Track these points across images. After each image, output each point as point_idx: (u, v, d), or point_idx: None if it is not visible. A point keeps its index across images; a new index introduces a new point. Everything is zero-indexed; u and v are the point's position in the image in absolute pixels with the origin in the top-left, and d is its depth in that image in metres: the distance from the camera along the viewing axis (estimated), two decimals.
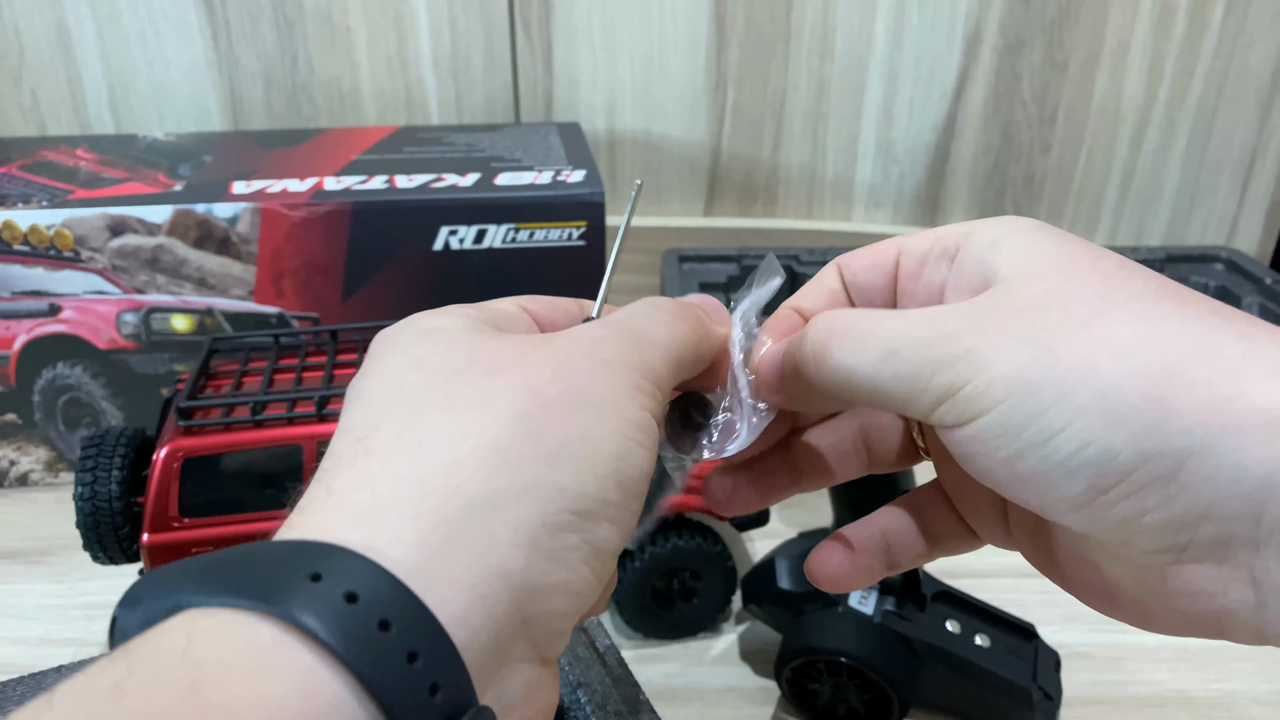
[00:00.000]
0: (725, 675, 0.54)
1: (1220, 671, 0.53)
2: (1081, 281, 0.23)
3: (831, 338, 0.25)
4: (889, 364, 0.24)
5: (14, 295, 0.63)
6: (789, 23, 0.83)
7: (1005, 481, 0.23)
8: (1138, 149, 0.88)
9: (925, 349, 0.23)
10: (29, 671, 0.40)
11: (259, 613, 0.18)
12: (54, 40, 0.80)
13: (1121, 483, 0.21)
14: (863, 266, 0.29)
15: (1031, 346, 0.22)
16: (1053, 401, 0.22)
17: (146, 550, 0.48)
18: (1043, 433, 0.22)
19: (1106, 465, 0.21)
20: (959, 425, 0.23)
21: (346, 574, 0.19)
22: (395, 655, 0.18)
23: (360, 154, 0.72)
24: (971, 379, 0.23)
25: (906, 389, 0.24)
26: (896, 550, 0.30)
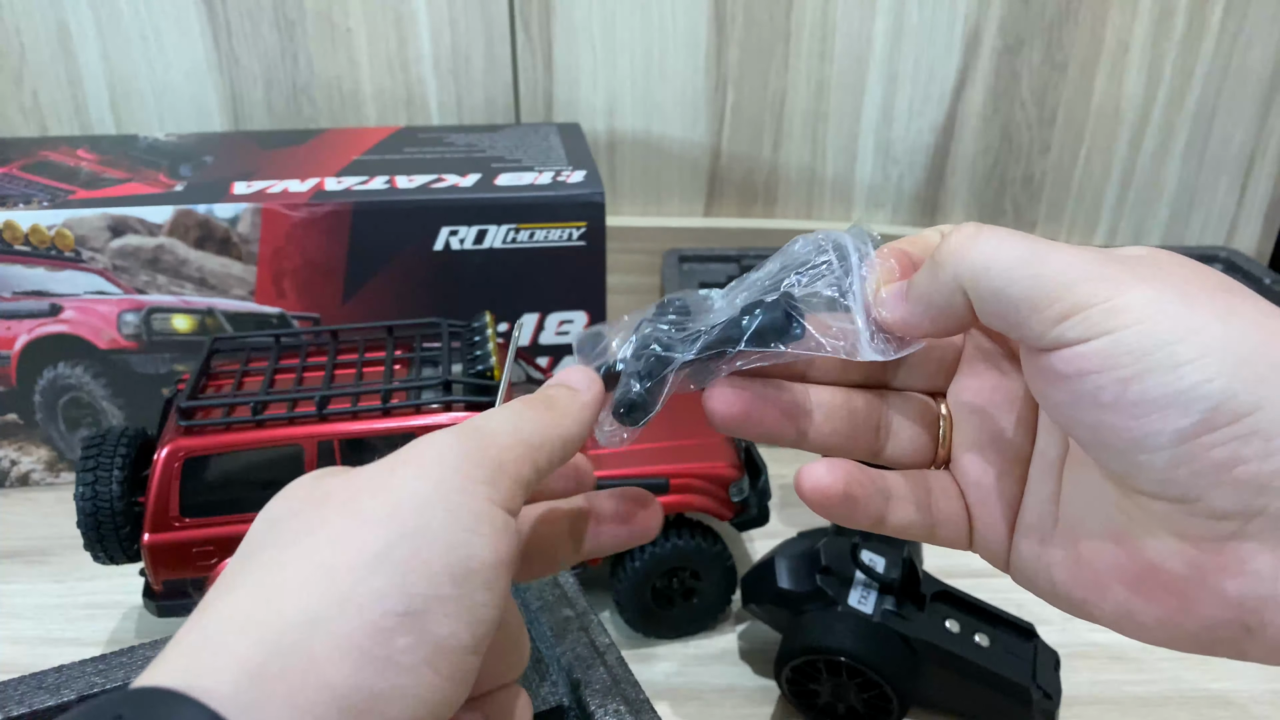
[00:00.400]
0: (725, 675, 0.54)
1: (1220, 671, 0.53)
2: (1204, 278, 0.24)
3: (981, 230, 0.25)
4: (1030, 266, 0.24)
5: (15, 295, 0.63)
6: (789, 23, 0.83)
7: (1108, 404, 0.23)
8: (1137, 149, 0.88)
9: (1071, 262, 0.24)
10: (29, 671, 0.40)
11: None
12: (55, 41, 0.80)
13: (1231, 424, 0.22)
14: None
15: (1173, 289, 0.23)
16: (1186, 334, 0.22)
17: (147, 550, 0.48)
18: (1171, 358, 0.22)
19: (1224, 402, 0.22)
20: (1083, 340, 0.23)
21: (158, 715, 0.19)
22: None
23: (361, 154, 0.72)
24: (1112, 296, 0.23)
25: (1040, 295, 0.24)
26: (892, 506, 0.29)
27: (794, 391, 0.30)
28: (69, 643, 0.55)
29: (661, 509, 0.32)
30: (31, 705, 0.38)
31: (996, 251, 0.24)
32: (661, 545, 0.54)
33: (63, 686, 0.39)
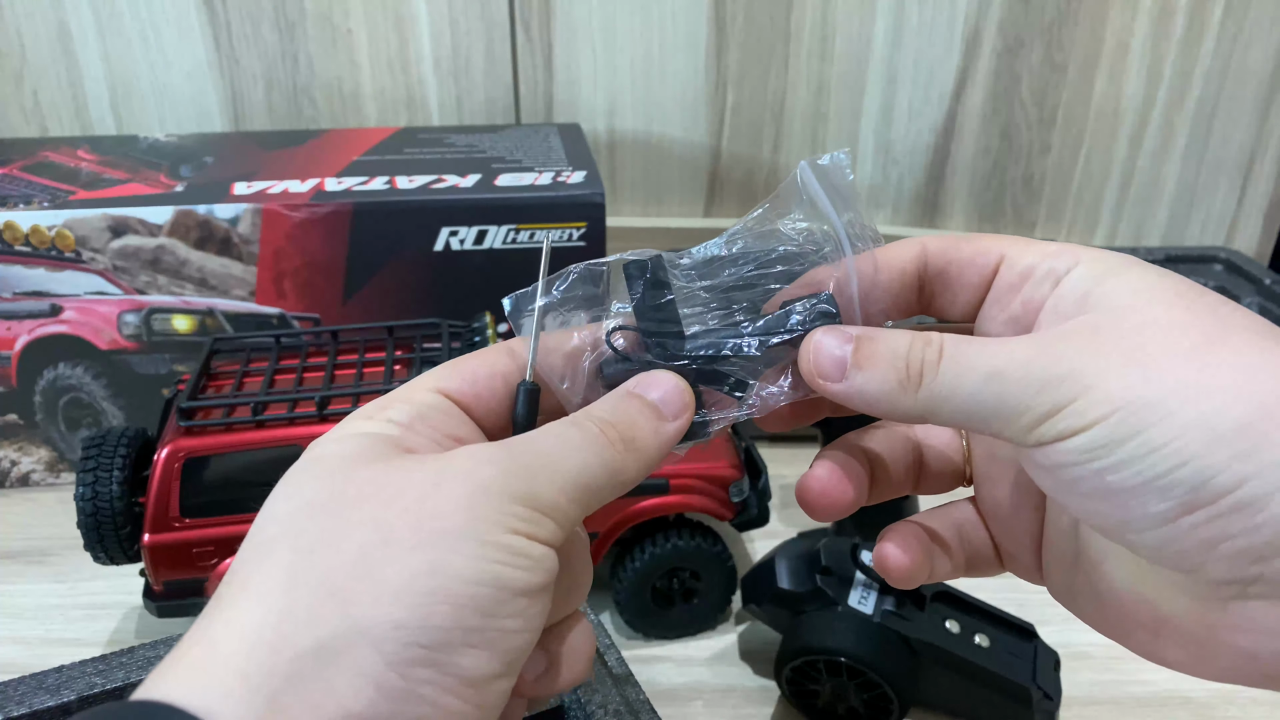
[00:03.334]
0: (725, 675, 0.54)
1: None
2: (1191, 311, 0.23)
3: (940, 357, 0.25)
4: (992, 385, 0.24)
5: (15, 296, 0.63)
6: (789, 24, 0.83)
7: (1092, 494, 0.23)
8: (1137, 149, 0.88)
9: (1030, 370, 0.23)
10: (29, 671, 0.40)
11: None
12: (55, 41, 0.80)
13: (1212, 504, 0.21)
14: (960, 259, 0.28)
15: (1139, 367, 0.22)
16: (1157, 419, 0.22)
17: (147, 550, 0.48)
18: (1143, 447, 0.22)
19: (1201, 485, 0.21)
20: (1058, 440, 0.23)
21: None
22: None
23: (361, 155, 0.72)
24: (1078, 396, 0.23)
25: (1009, 409, 0.24)
26: (938, 558, 0.30)
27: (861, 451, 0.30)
28: (69, 643, 0.55)
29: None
30: (31, 705, 0.38)
31: (959, 382, 0.24)
32: (661, 545, 0.54)
33: (63, 686, 0.39)
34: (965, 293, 0.28)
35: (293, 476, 0.24)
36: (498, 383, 0.27)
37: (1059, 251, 0.26)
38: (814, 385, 0.26)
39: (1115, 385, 0.22)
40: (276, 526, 0.23)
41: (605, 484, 0.25)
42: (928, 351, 0.25)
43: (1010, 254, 0.27)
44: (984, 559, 0.31)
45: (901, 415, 0.26)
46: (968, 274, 0.28)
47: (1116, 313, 0.24)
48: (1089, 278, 0.25)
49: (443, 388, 0.26)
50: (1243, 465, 0.21)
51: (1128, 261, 0.25)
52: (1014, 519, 0.30)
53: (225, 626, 0.21)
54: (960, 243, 0.28)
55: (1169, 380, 0.22)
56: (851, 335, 0.26)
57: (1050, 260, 0.26)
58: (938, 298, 0.28)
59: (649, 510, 0.54)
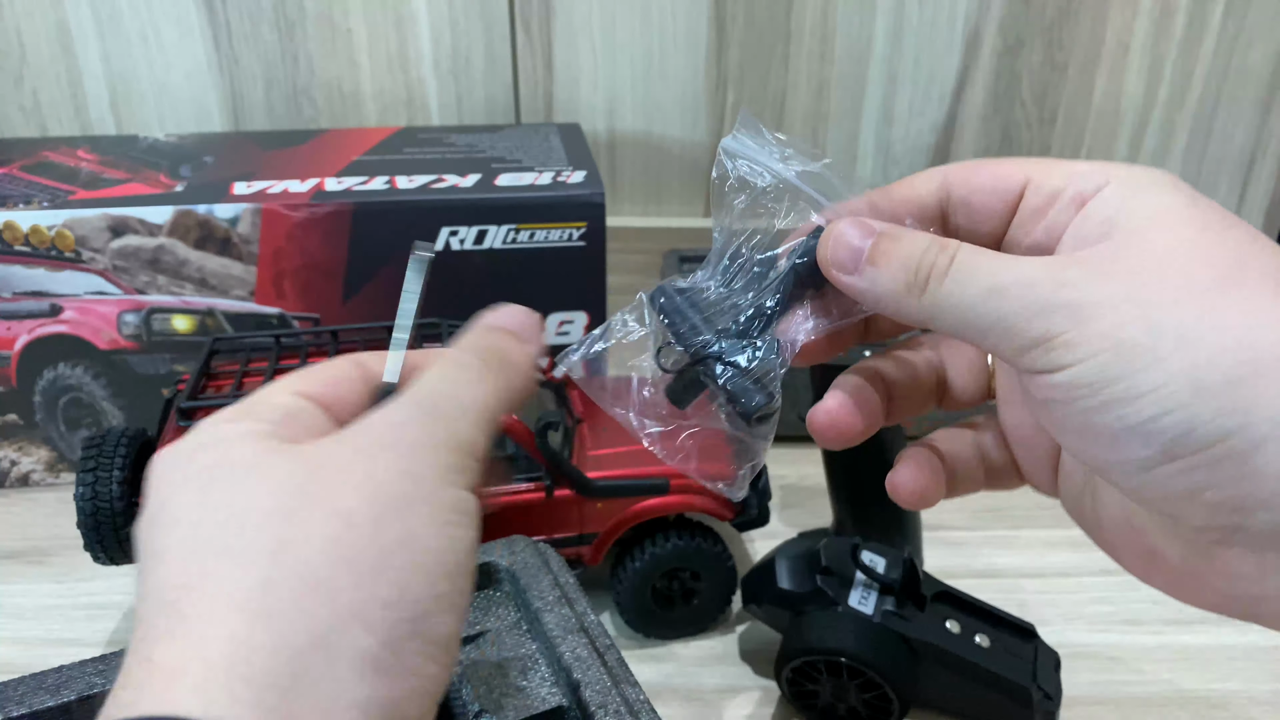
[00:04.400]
0: (725, 675, 0.54)
1: (1220, 672, 0.53)
2: (1208, 247, 0.23)
3: (951, 264, 0.25)
4: (992, 300, 0.24)
5: (15, 296, 0.63)
6: (789, 23, 0.83)
7: (1078, 431, 0.23)
8: (1137, 150, 0.88)
9: (1031, 292, 0.23)
10: (29, 671, 0.40)
11: None
12: (55, 41, 0.80)
13: (1193, 455, 0.21)
14: (982, 186, 0.27)
15: (1137, 306, 0.22)
16: (1146, 364, 0.22)
17: None
18: (1129, 391, 0.22)
19: (1183, 435, 0.21)
20: (1047, 371, 0.23)
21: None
22: None
23: (361, 155, 0.72)
24: (1070, 328, 0.22)
25: (1004, 328, 0.24)
26: (958, 474, 0.30)
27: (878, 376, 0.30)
28: (69, 643, 0.55)
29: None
30: (31, 705, 0.38)
31: (962, 290, 0.24)
32: (661, 545, 0.54)
33: (63, 687, 0.39)
34: (990, 221, 0.27)
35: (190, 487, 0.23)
36: (356, 385, 0.27)
37: (1088, 171, 0.25)
38: (827, 274, 0.27)
39: (1110, 322, 0.22)
40: (207, 532, 0.22)
41: (501, 409, 0.25)
42: (940, 257, 0.25)
43: (1035, 177, 0.26)
44: (1005, 474, 0.31)
45: (906, 318, 0.26)
46: (991, 202, 0.27)
47: (1134, 238, 0.23)
48: (1115, 198, 0.24)
49: (302, 390, 0.26)
50: (1228, 419, 0.21)
51: (1159, 180, 0.24)
52: (1034, 439, 0.30)
53: (212, 643, 0.20)
54: (980, 168, 0.27)
55: (1167, 323, 0.22)
56: (874, 230, 0.26)
57: (1078, 182, 0.25)
58: (963, 229, 0.28)
59: (649, 510, 0.54)
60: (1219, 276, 0.22)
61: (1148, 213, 0.24)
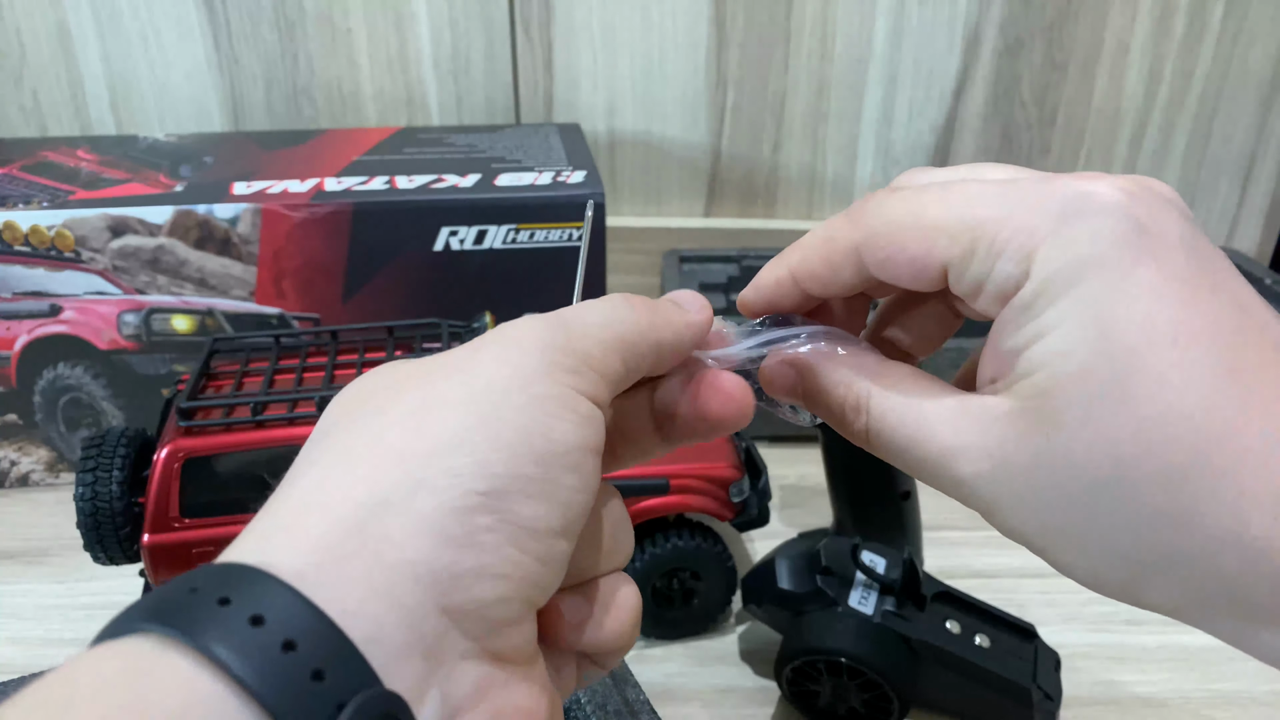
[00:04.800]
0: (725, 675, 0.54)
1: (1220, 672, 0.53)
2: (1109, 436, 0.21)
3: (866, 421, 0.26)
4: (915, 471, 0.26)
5: (15, 296, 0.63)
6: (789, 23, 0.83)
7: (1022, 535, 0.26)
8: (1138, 149, 0.88)
9: (940, 482, 0.25)
10: (29, 671, 0.40)
11: (157, 634, 0.19)
12: (55, 41, 0.80)
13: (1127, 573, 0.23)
14: (900, 274, 0.25)
15: (1033, 513, 0.24)
16: (1046, 549, 0.25)
17: (147, 551, 0.48)
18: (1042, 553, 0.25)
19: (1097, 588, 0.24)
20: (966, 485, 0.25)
21: (220, 583, 0.19)
22: (269, 643, 0.18)
23: (361, 155, 0.72)
24: (981, 512, 0.25)
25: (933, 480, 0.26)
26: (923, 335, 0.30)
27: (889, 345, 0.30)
28: (69, 643, 0.55)
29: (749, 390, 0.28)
30: None
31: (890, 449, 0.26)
32: (661, 546, 0.54)
33: None
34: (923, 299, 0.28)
35: (344, 391, 0.25)
36: None
37: (1010, 252, 0.22)
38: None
39: (1012, 522, 0.24)
40: (330, 421, 0.23)
41: (638, 340, 0.25)
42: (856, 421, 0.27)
43: (953, 264, 0.24)
44: None
45: None
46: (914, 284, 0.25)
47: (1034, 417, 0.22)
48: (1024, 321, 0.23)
49: None
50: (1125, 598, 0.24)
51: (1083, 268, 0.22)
52: None
53: (285, 500, 0.21)
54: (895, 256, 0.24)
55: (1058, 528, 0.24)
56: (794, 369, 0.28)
57: (996, 275, 0.23)
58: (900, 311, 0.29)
59: (649, 510, 0.54)
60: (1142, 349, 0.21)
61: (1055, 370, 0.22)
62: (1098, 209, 0.22)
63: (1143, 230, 0.22)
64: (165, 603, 0.19)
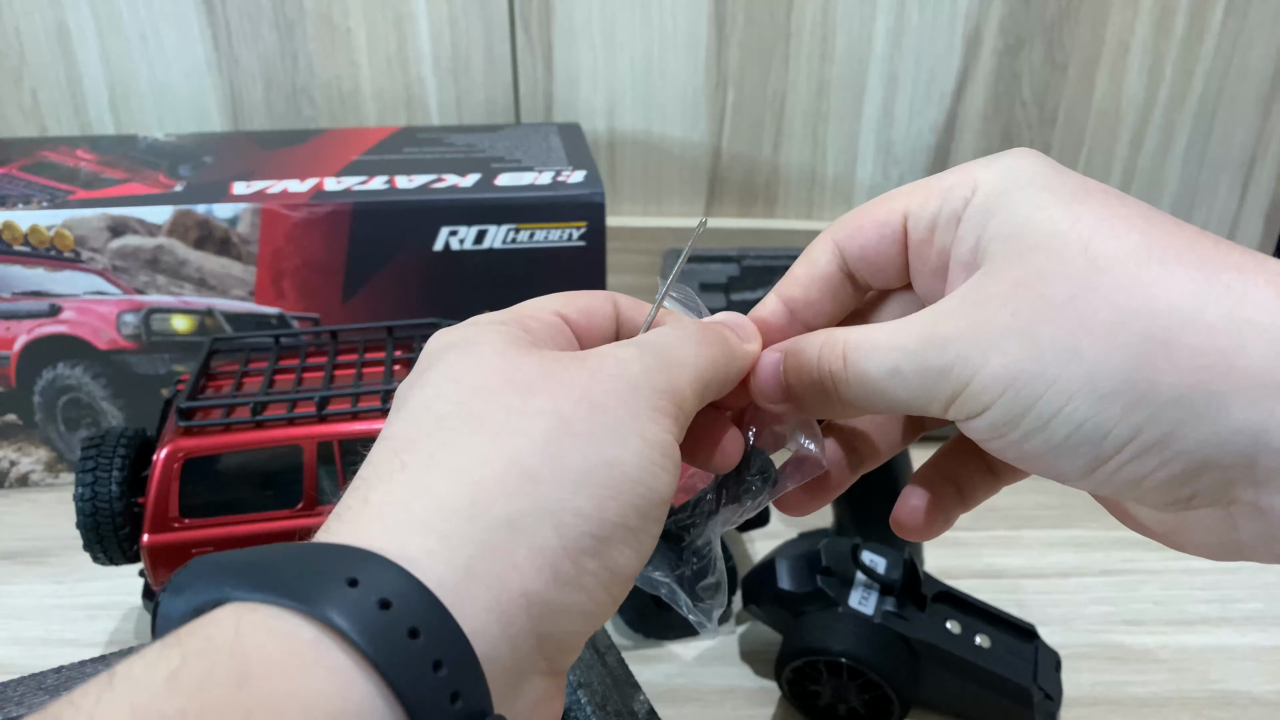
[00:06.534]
0: (725, 675, 0.54)
1: (1220, 672, 0.53)
2: (1063, 255, 0.24)
3: (845, 362, 0.26)
4: (897, 380, 0.26)
5: (14, 296, 0.63)
6: (789, 23, 0.83)
7: (1018, 460, 0.25)
8: (1138, 149, 0.88)
9: (923, 361, 0.25)
10: (29, 672, 0.40)
11: (300, 612, 0.19)
12: (54, 41, 0.80)
13: (1119, 453, 0.23)
14: (868, 241, 0.29)
15: (1017, 340, 0.23)
16: (1043, 390, 0.23)
17: (147, 551, 0.48)
18: (1039, 419, 0.23)
19: (1102, 441, 0.23)
20: (969, 419, 0.25)
21: (381, 581, 0.20)
22: (422, 662, 0.19)
23: (360, 154, 0.72)
24: (968, 381, 0.24)
25: (919, 399, 0.25)
26: (966, 484, 0.31)
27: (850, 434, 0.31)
28: (69, 643, 0.55)
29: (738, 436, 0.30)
30: (31, 705, 0.38)
31: (866, 381, 0.26)
32: None
33: (62, 687, 0.39)
34: (889, 268, 0.29)
35: (450, 360, 0.25)
36: (604, 323, 0.28)
37: (956, 183, 0.27)
38: (767, 407, 0.29)
39: (998, 363, 0.24)
40: (449, 405, 0.23)
41: (714, 379, 0.26)
42: (833, 361, 0.27)
43: (912, 209, 0.28)
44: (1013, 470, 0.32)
45: (845, 419, 0.28)
46: (882, 250, 0.29)
47: (995, 269, 0.25)
48: (980, 214, 0.26)
49: (562, 314, 0.27)
50: (1133, 415, 0.22)
51: (1018, 177, 0.25)
52: None
53: (420, 495, 0.22)
54: (863, 221, 0.29)
55: (1046, 346, 0.23)
56: (779, 355, 0.28)
57: (949, 200, 0.27)
58: (870, 282, 0.30)
59: None
60: (1077, 284, 0.23)
61: (1006, 232, 0.25)
62: (1015, 150, 0.27)
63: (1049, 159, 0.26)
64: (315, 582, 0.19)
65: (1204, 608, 0.57)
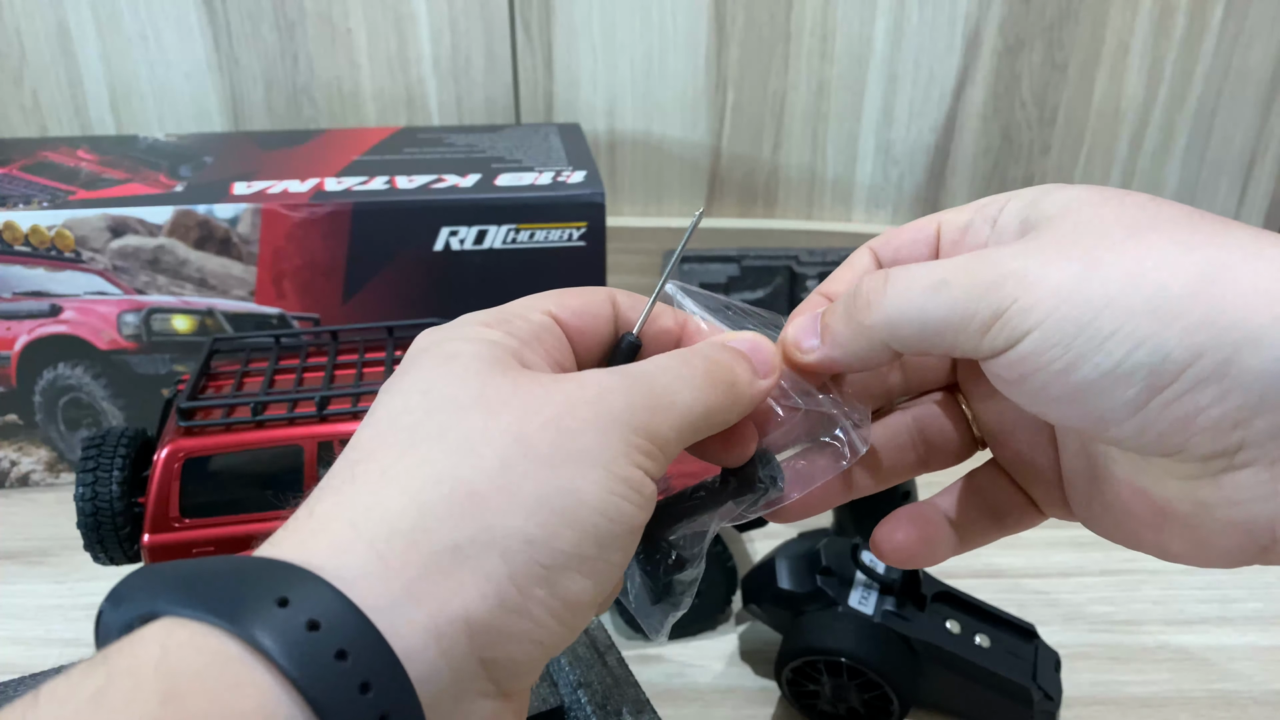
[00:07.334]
0: (725, 675, 0.54)
1: (1220, 672, 0.53)
2: (1119, 209, 0.24)
3: (887, 278, 0.26)
4: (940, 293, 0.24)
5: (15, 296, 0.63)
6: (789, 23, 0.83)
7: (1061, 398, 0.23)
8: (1138, 149, 0.88)
9: (974, 274, 0.24)
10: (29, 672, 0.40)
11: (227, 631, 0.19)
12: (55, 41, 0.80)
13: (1176, 380, 0.22)
14: (904, 243, 0.29)
15: (1077, 261, 0.23)
16: (1102, 306, 0.22)
17: (147, 551, 0.48)
18: (1095, 338, 0.22)
19: (1160, 364, 0.22)
20: (1011, 346, 0.23)
21: (311, 601, 0.19)
22: (348, 683, 0.19)
23: (361, 155, 0.72)
24: (1020, 296, 0.23)
25: (958, 316, 0.24)
26: (964, 529, 0.31)
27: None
28: (69, 643, 0.55)
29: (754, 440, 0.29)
30: None
31: (906, 295, 0.25)
32: None
33: None
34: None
35: (425, 368, 0.24)
36: (600, 323, 0.28)
37: (990, 200, 0.28)
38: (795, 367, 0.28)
39: (1055, 278, 0.23)
40: (414, 417, 0.23)
41: (704, 423, 0.25)
42: (877, 279, 0.26)
43: (946, 219, 0.29)
44: (1018, 512, 0.31)
45: (870, 351, 0.26)
46: (915, 250, 0.29)
47: (1050, 221, 0.25)
48: (1022, 206, 0.26)
49: (555, 314, 0.27)
50: (1195, 336, 0.21)
51: (1057, 185, 0.26)
52: (1034, 462, 0.30)
53: (366, 511, 0.21)
54: (899, 230, 0.30)
55: (1107, 266, 0.22)
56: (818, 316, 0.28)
57: (984, 209, 0.27)
58: None
59: None
60: (1134, 227, 0.23)
61: (1055, 204, 0.25)
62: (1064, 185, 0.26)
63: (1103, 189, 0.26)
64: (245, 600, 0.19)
65: (1204, 608, 0.57)
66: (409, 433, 0.23)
